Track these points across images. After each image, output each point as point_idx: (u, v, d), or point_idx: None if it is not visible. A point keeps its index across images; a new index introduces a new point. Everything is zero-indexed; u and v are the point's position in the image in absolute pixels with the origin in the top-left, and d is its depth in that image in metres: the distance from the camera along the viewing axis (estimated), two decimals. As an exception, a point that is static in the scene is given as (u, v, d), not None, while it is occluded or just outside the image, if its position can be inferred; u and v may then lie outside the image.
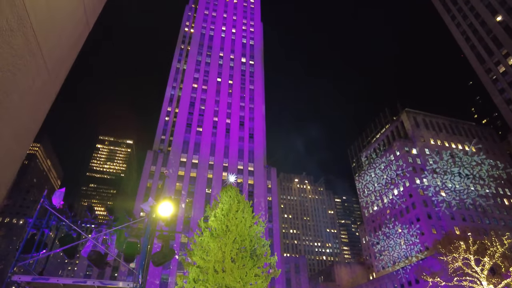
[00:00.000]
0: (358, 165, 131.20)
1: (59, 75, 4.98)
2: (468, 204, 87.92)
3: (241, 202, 27.99)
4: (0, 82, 3.17)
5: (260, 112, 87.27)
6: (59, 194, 10.12)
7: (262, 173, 77.10)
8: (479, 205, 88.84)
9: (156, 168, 74.35)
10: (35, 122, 4.38)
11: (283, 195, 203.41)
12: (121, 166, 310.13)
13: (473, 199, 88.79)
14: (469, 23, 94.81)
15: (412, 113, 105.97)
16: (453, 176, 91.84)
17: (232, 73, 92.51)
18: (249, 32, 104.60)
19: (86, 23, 6.08)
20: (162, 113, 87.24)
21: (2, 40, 3.13)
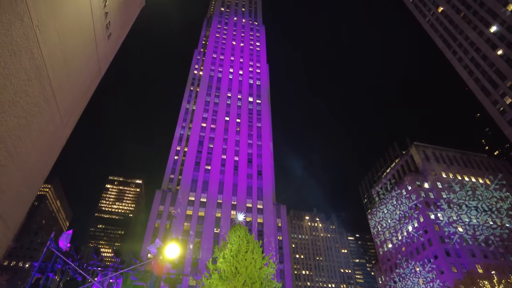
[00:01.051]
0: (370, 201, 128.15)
1: (71, 120, 5.22)
2: (489, 239, 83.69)
3: (251, 242, 27.25)
4: (15, 128, 3.34)
5: (268, 149, 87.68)
6: (66, 237, 10.05)
7: (272, 211, 75.64)
8: (501, 241, 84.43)
9: (165, 208, 73.72)
10: (46, 166, 4.52)
11: (294, 234, 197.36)
12: (129, 206, 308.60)
13: (493, 234, 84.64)
14: (471, 58, 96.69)
15: (421, 146, 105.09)
16: (469, 210, 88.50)
17: (239, 112, 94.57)
18: (255, 73, 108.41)
19: (98, 70, 6.45)
20: (172, 152, 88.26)
21: (19, 89, 3.36)
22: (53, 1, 3.86)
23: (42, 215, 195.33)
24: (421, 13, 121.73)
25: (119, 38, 7.59)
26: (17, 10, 3.19)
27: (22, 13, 3.27)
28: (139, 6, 8.95)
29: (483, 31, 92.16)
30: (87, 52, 5.44)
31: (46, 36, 3.82)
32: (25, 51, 3.39)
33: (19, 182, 3.60)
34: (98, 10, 5.53)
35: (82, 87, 5.55)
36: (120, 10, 6.95)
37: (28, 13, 3.38)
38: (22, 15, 3.28)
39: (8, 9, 3.04)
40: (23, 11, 3.28)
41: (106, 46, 6.55)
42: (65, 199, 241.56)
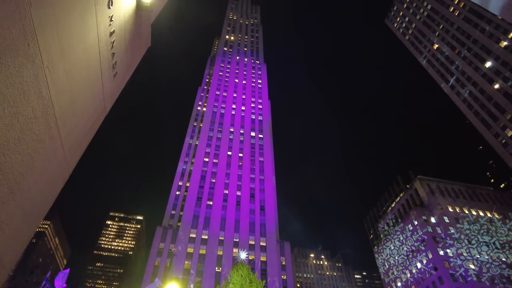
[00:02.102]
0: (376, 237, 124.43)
1: (74, 156, 5.28)
2: (501, 277, 79.82)
3: (254, 281, 26.19)
4: (18, 165, 3.38)
5: (270, 183, 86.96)
6: (62, 276, 9.74)
7: (275, 249, 73.34)
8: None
9: (165, 245, 71.80)
10: (47, 202, 4.50)
11: (298, 273, 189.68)
12: (130, 243, 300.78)
13: (507, 271, 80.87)
14: (469, 92, 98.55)
15: (426, 180, 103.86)
16: (479, 246, 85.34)
17: (242, 146, 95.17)
18: (257, 109, 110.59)
19: (103, 108, 6.63)
20: (173, 188, 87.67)
21: (26, 127, 3.44)
22: (63, 43, 4.07)
23: (39, 253, 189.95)
24: (417, 50, 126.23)
25: (125, 77, 7.89)
26: (29, 53, 3.36)
27: (33, 55, 3.44)
28: (145, 46, 9.38)
29: (478, 67, 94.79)
30: (94, 91, 5.63)
31: (55, 76, 3.98)
32: (34, 90, 3.52)
33: (19, 219, 3.57)
34: (106, 51, 5.81)
35: (86, 124, 5.68)
36: (126, 50, 7.29)
37: (40, 55, 3.56)
38: (34, 57, 3.46)
39: (21, 51, 3.21)
40: (34, 54, 3.46)
41: (112, 84, 6.79)
42: (64, 236, 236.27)
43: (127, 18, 6.84)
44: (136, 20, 7.57)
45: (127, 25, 6.94)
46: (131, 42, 7.68)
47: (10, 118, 3.09)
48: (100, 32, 5.36)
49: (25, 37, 3.25)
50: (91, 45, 5.07)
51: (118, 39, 6.50)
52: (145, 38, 9.23)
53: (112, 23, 5.93)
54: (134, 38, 7.85)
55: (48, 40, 3.71)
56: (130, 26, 7.19)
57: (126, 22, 6.83)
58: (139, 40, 8.55)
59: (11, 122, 3.11)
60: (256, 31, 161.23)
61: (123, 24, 6.66)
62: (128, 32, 7.19)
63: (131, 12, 7.06)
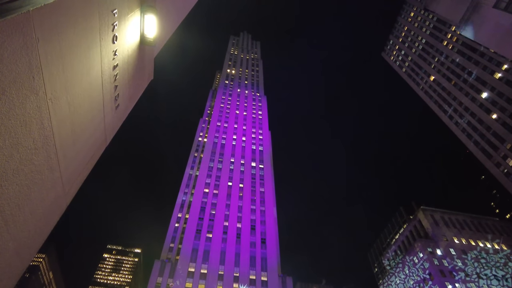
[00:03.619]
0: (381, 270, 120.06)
1: (72, 188, 5.23)
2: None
3: (254, 319, 24.91)
4: (15, 196, 3.34)
5: (271, 214, 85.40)
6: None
7: (277, 284, 70.55)
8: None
9: (163, 280, 69.16)
10: (41, 235, 4.40)
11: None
12: (126, 277, 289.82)
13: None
14: (467, 122, 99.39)
15: (429, 211, 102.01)
16: (489, 279, 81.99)
17: (242, 177, 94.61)
18: (258, 139, 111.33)
19: (104, 139, 6.68)
20: (172, 220, 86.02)
21: (25, 157, 3.45)
22: (68, 76, 4.19)
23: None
24: (414, 81, 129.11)
25: (126, 109, 8.02)
26: (34, 85, 3.45)
27: (38, 87, 3.53)
28: (148, 79, 9.63)
29: (475, 97, 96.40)
30: (95, 122, 5.70)
31: (57, 108, 4.05)
32: (36, 122, 3.57)
33: (12, 253, 3.47)
34: (109, 83, 5.95)
35: (86, 155, 5.69)
36: (129, 83, 7.47)
37: (44, 87, 3.65)
38: (38, 89, 3.54)
39: (26, 84, 3.29)
40: (39, 86, 3.54)
41: (113, 116, 6.89)
42: (59, 270, 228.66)
43: (130, 52, 7.07)
44: (139, 54, 7.83)
45: (130, 59, 7.17)
46: (134, 75, 7.89)
47: (10, 149, 3.11)
48: (104, 65, 5.52)
49: (30, 70, 3.34)
50: (94, 77, 5.20)
51: (121, 72, 6.69)
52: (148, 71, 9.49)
53: (116, 57, 6.12)
54: (137, 72, 8.07)
55: (53, 73, 3.81)
56: (133, 60, 7.42)
57: (129, 56, 7.06)
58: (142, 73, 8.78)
59: (11, 153, 3.12)
60: (256, 65, 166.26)
61: (126, 58, 6.88)
62: (131, 66, 7.40)
63: (135, 47, 7.32)
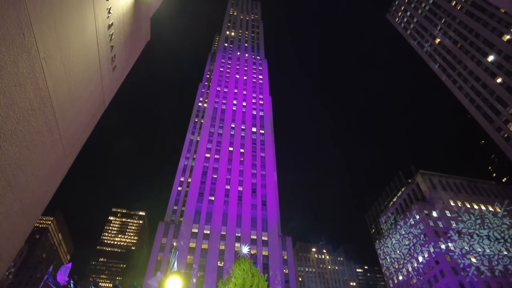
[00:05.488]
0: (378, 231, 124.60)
1: (73, 150, 5.23)
2: (504, 269, 79.98)
3: (256, 276, 26.30)
4: (16, 157, 3.35)
5: (272, 178, 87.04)
6: (64, 270, 9.75)
7: (277, 243, 73.62)
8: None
9: (167, 240, 72.17)
10: (46, 196, 4.47)
11: (300, 267, 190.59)
12: (132, 238, 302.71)
13: (510, 263, 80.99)
14: (471, 86, 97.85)
15: (427, 174, 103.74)
16: (481, 239, 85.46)
17: (243, 142, 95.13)
18: (258, 104, 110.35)
19: (102, 101, 6.58)
20: (175, 184, 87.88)
21: (22, 118, 3.40)
22: (60, 34, 4.01)
23: (42, 249, 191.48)
24: (419, 44, 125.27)
25: (124, 70, 7.82)
26: (25, 43, 3.31)
27: (29, 45, 3.39)
28: (144, 40, 9.30)
29: (481, 61, 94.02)
30: (92, 84, 5.58)
31: (52, 68, 3.93)
32: (31, 82, 3.47)
33: (17, 213, 3.54)
34: (104, 43, 5.74)
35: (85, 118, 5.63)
36: (125, 44, 7.21)
37: (36, 45, 3.50)
38: (30, 47, 3.40)
39: (16, 41, 3.15)
40: (30, 44, 3.40)
41: (111, 78, 6.73)
42: (67, 232, 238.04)
43: (125, 10, 6.76)
44: (135, 13, 7.48)
45: (125, 18, 6.87)
46: (130, 35, 7.61)
47: (6, 110, 3.05)
48: (98, 24, 5.29)
49: (20, 27, 3.19)
50: (89, 37, 5.00)
51: (116, 31, 6.43)
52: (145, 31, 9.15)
53: (111, 15, 5.85)
54: (133, 32, 7.77)
55: (44, 31, 3.65)
56: (129, 19, 7.11)
57: (124, 15, 6.76)
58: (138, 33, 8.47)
59: (7, 114, 3.07)
60: (256, 27, 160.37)
61: (121, 17, 6.58)
62: (127, 25, 7.11)
63: (130, 5, 6.98)
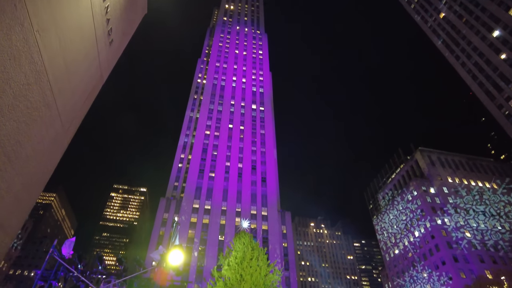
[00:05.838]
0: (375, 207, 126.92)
1: (72, 125, 5.21)
2: (498, 245, 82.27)
3: (256, 249, 27.01)
4: (14, 133, 3.33)
5: (271, 155, 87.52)
6: (69, 244, 10.00)
7: (276, 218, 75.14)
8: (510, 246, 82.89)
9: (169, 216, 73.57)
10: (46, 171, 4.49)
11: (299, 241, 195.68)
12: (134, 214, 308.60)
13: (502, 239, 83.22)
14: (474, 62, 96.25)
15: (426, 151, 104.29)
16: (476, 215, 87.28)
17: (243, 119, 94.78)
18: (258, 81, 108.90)
19: (100, 76, 6.48)
20: (176, 160, 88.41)
21: (19, 93, 3.35)
22: (54, 6, 3.89)
23: (47, 224, 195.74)
24: (422, 19, 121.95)
25: (121, 45, 7.65)
26: (17, 15, 3.21)
27: (22, 18, 3.29)
28: (141, 13, 9.04)
29: (485, 36, 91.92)
30: (89, 58, 5.46)
31: (46, 41, 3.83)
32: (25, 55, 3.40)
33: (19, 187, 3.57)
34: (100, 16, 5.58)
35: (83, 93, 5.56)
36: (121, 17, 7.01)
37: (29, 18, 3.40)
38: (22, 20, 3.30)
39: (8, 13, 3.05)
40: (23, 16, 3.30)
41: (108, 52, 6.59)
42: (70, 208, 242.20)
43: (120, -19, 6.52)
44: (130, -16, 7.23)
45: (121, -11, 6.64)
46: (127, 8, 7.39)
47: (2, 84, 3.00)
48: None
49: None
50: (84, 9, 4.85)
51: (112, 4, 6.23)
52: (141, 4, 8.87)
53: (105, -14, 5.66)
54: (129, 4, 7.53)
55: (36, 3, 3.53)
56: (124, -9, 6.88)
57: (119, -14, 6.53)
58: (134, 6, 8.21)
59: (3, 88, 3.03)
60: (256, 0, 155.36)
61: (116, -12, 6.36)
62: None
63: (125, -25, 6.73)
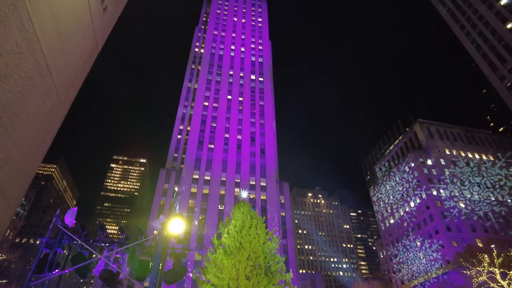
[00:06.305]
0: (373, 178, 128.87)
1: (68, 96, 5.13)
2: (490, 215, 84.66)
3: (254, 218, 27.72)
4: (9, 103, 3.28)
5: (270, 127, 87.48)
6: (71, 214, 10.23)
7: (275, 188, 76.49)
8: (501, 216, 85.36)
9: (169, 186, 74.76)
10: (44, 142, 4.48)
11: (296, 210, 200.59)
12: (135, 184, 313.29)
13: (492, 210, 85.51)
14: (479, 32, 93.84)
15: (425, 123, 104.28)
16: (471, 186, 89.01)
17: (242, 90, 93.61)
18: (257, 50, 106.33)
19: (95, 45, 6.29)
20: (174, 132, 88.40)
21: (11, 62, 3.26)
22: (42, -31, 3.68)
23: (49, 195, 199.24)
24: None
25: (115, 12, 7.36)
26: (4, -22, 3.04)
27: (9, -19, 3.12)
28: (135, -22, 8.63)
29: (493, 4, 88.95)
30: (82, 26, 5.27)
31: (36, 8, 3.67)
32: (15, 22, 3.27)
33: (18, 158, 3.57)
34: (91, -20, 5.31)
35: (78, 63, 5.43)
36: (114, -19, 6.69)
37: (16, -19, 3.23)
38: (10, -17, 3.13)
39: (-6, -23, 2.90)
40: (10, -20, 3.13)
41: (102, 20, 6.35)
42: (71, 179, 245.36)
43: None
44: None
45: (112, -49, 6.29)
46: (119, -29, 7.03)
47: (-7, 53, 2.91)
48: (83, -43, 4.85)
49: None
50: (74, -27, 4.62)
51: (104, -33, 5.92)
52: (134, -33, 8.44)
53: None
54: (122, -33, 7.15)
55: (23, -35, 3.34)
56: (116, -48, 6.52)
57: None
58: (127, -31, 7.80)
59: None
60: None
61: (108, -50, 6.02)
62: (115, -40, 6.53)
63: None
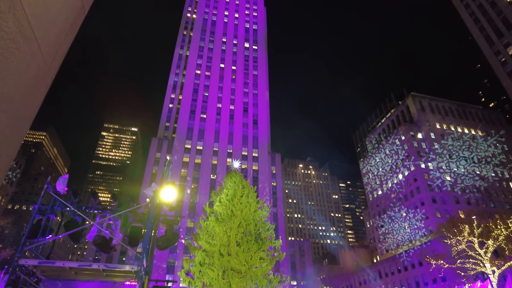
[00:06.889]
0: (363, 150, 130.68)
1: (54, 60, 4.94)
2: (473, 187, 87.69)
3: (246, 187, 28.22)
4: (-8, 67, 3.15)
5: (264, 98, 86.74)
6: (62, 181, 10.25)
7: (267, 159, 77.28)
8: (485, 189, 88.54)
9: (161, 155, 74.82)
10: (32, 108, 4.36)
11: (287, 180, 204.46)
12: (126, 153, 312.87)
13: (478, 182, 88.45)
14: (479, 4, 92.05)
15: (418, 97, 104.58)
16: (458, 160, 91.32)
17: (235, 58, 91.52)
18: (252, 16, 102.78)
19: (81, 7, 5.98)
20: (166, 100, 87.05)
21: (-8, 23, 3.09)
22: None
23: (40, 162, 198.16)
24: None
25: (101, -30, 6.96)
26: None
27: None
28: None
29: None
30: (67, -15, 4.98)
31: (16, -38, 3.43)
32: (-6, -21, 3.06)
33: (5, 124, 3.49)
34: None
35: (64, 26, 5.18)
36: None
37: None
38: None
39: None
40: None
41: (87, -21, 6.00)
42: (62, 147, 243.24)
43: None
44: None
45: None
46: None
47: (-28, 11, 2.74)
48: None
49: None
50: None
51: None
52: None
53: None
54: None
55: None
56: None
57: None
58: None
59: (-26, 16, 2.77)
60: None
61: None
62: None
63: None
